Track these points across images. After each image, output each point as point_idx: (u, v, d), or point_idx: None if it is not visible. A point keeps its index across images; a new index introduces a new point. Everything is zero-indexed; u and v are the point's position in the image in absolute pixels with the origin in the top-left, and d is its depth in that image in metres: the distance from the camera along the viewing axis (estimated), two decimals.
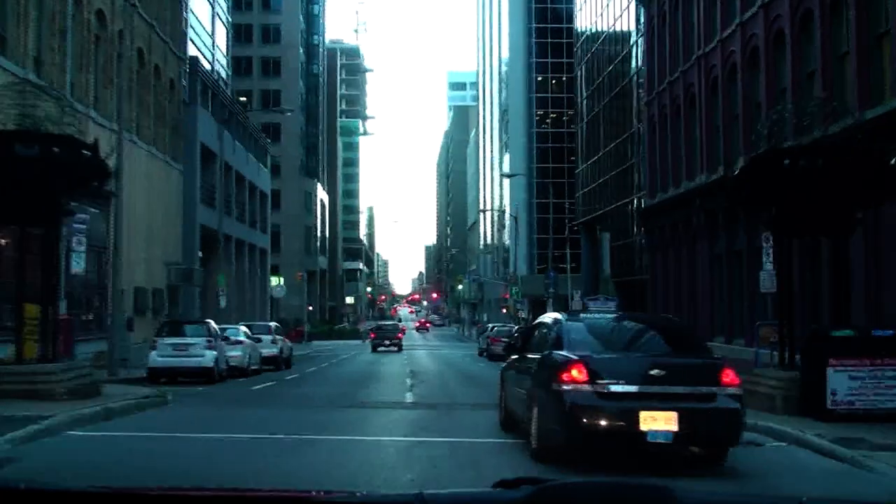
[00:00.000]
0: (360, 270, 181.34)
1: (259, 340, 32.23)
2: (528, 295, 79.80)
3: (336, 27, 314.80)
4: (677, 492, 1.89)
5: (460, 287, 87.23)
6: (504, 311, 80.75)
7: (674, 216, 34.67)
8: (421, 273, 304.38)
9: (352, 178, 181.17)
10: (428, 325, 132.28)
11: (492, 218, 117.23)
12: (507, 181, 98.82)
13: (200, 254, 48.11)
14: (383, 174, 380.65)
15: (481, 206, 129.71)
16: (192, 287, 39.10)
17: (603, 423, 9.22)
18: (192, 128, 42.21)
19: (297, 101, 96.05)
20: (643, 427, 9.07)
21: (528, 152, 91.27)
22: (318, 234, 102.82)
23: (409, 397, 19.84)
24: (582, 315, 14.22)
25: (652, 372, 9.38)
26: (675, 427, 9.07)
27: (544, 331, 11.42)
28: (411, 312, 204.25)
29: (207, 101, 47.17)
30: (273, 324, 36.39)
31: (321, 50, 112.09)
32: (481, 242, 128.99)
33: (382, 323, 73.78)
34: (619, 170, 53.25)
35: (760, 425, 13.07)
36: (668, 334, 11.43)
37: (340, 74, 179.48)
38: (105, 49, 30.23)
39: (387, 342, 57.25)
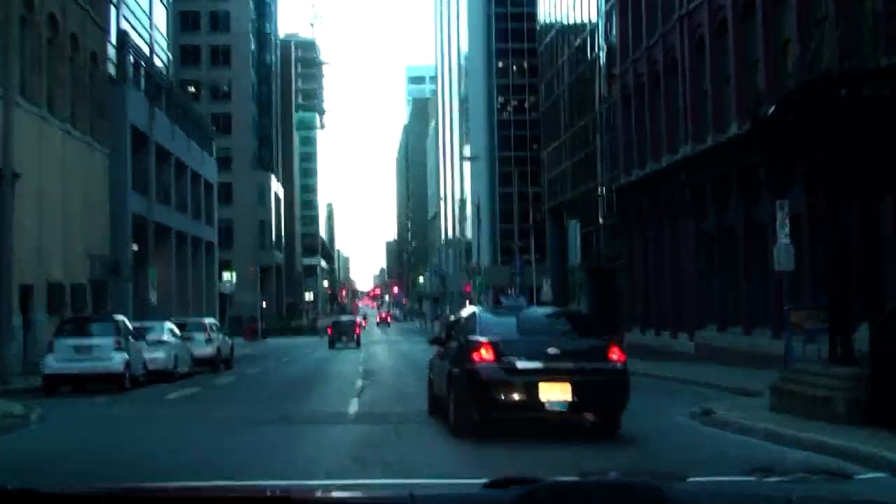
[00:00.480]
0: (320, 266, 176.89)
1: (191, 339, 28.18)
2: (492, 286, 76.20)
3: (292, 21, 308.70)
4: (667, 490, 1.85)
5: (421, 280, 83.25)
6: (468, 302, 76.98)
7: (653, 194, 31.09)
8: (382, 269, 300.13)
9: (310, 173, 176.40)
10: (389, 319, 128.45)
11: (453, 209, 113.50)
12: (468, 171, 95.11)
13: (136, 247, 43.79)
14: (342, 169, 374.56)
15: (442, 198, 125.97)
16: (123, 282, 34.77)
17: (508, 394, 10.44)
18: (120, 108, 37.83)
19: (249, 91, 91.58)
20: (543, 397, 10.28)
21: (489, 140, 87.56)
22: (274, 228, 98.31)
23: (353, 407, 15.94)
24: (494, 308, 16.27)
25: (549, 350, 10.62)
26: (569, 397, 10.30)
27: (463, 322, 12.58)
28: (373, 307, 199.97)
29: (140, 80, 42.76)
30: (209, 320, 32.21)
31: (273, 39, 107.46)
32: (442, 236, 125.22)
33: (339, 318, 68.04)
34: (585, 153, 49.71)
35: (830, 444, 9.40)
36: (568, 321, 12.96)
37: (296, 68, 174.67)
38: None
39: (344, 338, 54.03)
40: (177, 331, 26.34)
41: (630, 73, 33.80)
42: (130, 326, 21.99)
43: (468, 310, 14.11)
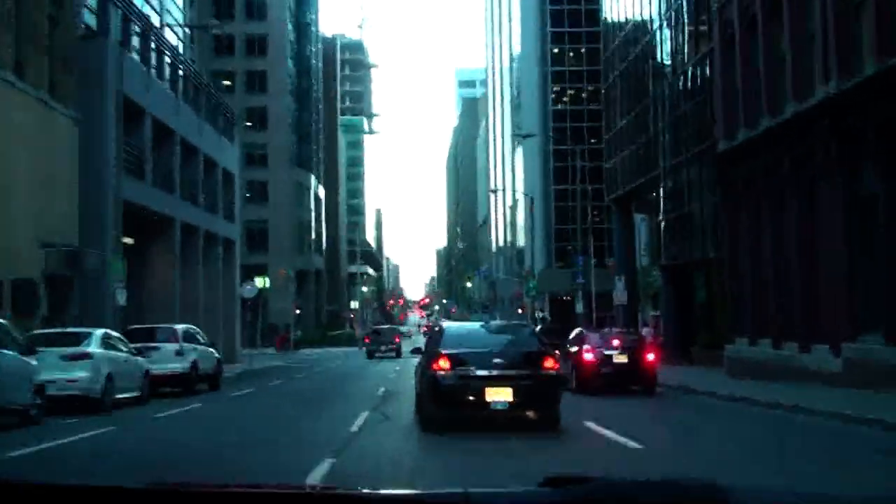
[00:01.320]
0: (366, 274, 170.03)
1: (152, 351, 20.77)
2: (546, 292, 68.22)
3: (340, 23, 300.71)
4: (728, 490, 1.83)
5: (469, 285, 75.44)
6: (521, 311, 69.18)
7: (772, 157, 22.92)
8: (433, 277, 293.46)
9: (357, 178, 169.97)
10: None
11: (504, 212, 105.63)
12: (520, 168, 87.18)
13: (131, 240, 36.73)
14: (392, 176, 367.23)
15: (492, 198, 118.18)
16: (87, 278, 27.42)
17: (461, 396, 12.41)
18: (101, 68, 30.66)
19: (286, 82, 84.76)
20: (488, 399, 12.28)
21: (543, 132, 79.52)
22: (314, 231, 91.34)
23: (321, 470, 8.29)
24: (459, 323, 21.42)
25: (495, 361, 12.67)
26: (510, 398, 12.32)
27: (434, 335, 14.86)
28: (422, 317, 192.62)
29: (129, 39, 35.54)
30: (182, 327, 24.53)
31: (314, 30, 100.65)
32: (493, 240, 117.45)
33: (378, 327, 64.13)
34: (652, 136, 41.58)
35: None
36: (516, 335, 14.63)
37: (343, 70, 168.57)
38: None
39: (383, 348, 51.30)
40: (121, 341, 18.89)
41: (734, 5, 25.66)
42: (16, 334, 14.55)
43: (440, 324, 18.32)
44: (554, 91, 79.80)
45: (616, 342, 21.56)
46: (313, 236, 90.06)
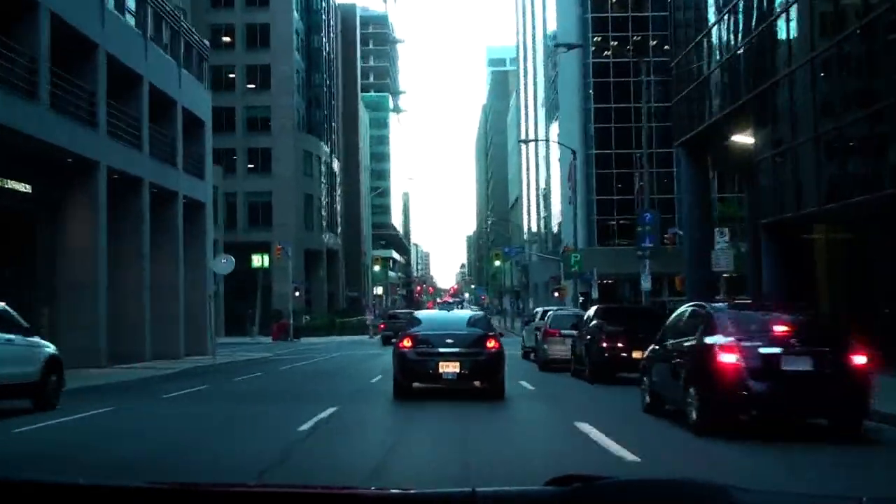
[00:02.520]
0: (392, 259, 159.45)
1: None
2: (589, 272, 56.84)
3: None
4: (733, 491, 1.81)
5: (497, 264, 64.21)
6: (557, 294, 58.07)
7: None
8: (463, 265, 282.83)
9: (382, 158, 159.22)
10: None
11: (536, 190, 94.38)
12: (554, 134, 75.86)
13: (27, 186, 26.34)
14: (420, 158, 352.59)
15: (525, 182, 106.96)
16: None
17: (419, 369, 15.37)
18: None
19: (290, 37, 73.97)
20: (440, 371, 15.16)
21: (582, 88, 68.16)
22: (326, 206, 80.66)
23: None
24: (432, 311, 27.05)
25: (447, 340, 15.49)
26: (457, 370, 15.11)
27: (410, 321, 17.83)
28: None
29: None
30: None
31: None
32: (525, 222, 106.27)
33: (395, 311, 57.46)
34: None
35: None
36: (469, 321, 17.12)
37: (367, 44, 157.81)
38: None
39: (400, 334, 37.63)
40: None
41: None
42: None
43: (416, 312, 21.13)
44: (594, 39, 68.36)
45: (785, 330, 10.59)
46: (324, 213, 79.37)
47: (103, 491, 1.97)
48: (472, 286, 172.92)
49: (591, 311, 23.01)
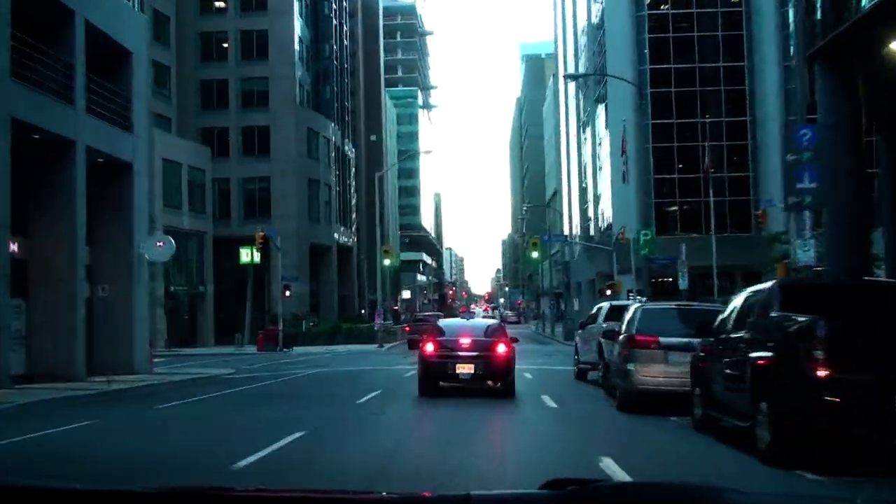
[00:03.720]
0: (423, 262, 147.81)
1: None
2: (645, 266, 44.75)
3: None
4: (727, 493, 1.80)
5: (535, 256, 51.66)
6: (609, 292, 46.03)
7: None
8: (498, 270, 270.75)
9: (410, 157, 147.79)
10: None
11: (579, 176, 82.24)
12: (602, 119, 63.70)
13: None
14: (452, 158, 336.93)
15: (564, 167, 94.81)
16: None
17: (439, 369, 16.95)
18: None
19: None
20: (457, 371, 16.80)
21: (635, 48, 55.98)
22: (336, 195, 69.10)
23: None
24: (453, 320, 28.33)
25: (463, 343, 17.11)
26: (472, 370, 16.74)
27: (431, 328, 19.44)
28: (486, 311, 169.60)
29: None
30: None
31: None
32: (565, 215, 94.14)
33: (423, 316, 54.34)
34: None
35: None
36: (486, 326, 18.98)
37: (395, 37, 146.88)
38: None
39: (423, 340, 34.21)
40: None
41: None
42: None
43: (440, 322, 21.54)
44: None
45: None
46: (335, 204, 67.81)
47: (99, 496, 1.96)
48: (507, 288, 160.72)
49: (748, 293, 10.65)
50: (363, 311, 73.48)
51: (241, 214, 60.10)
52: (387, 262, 44.36)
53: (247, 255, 49.51)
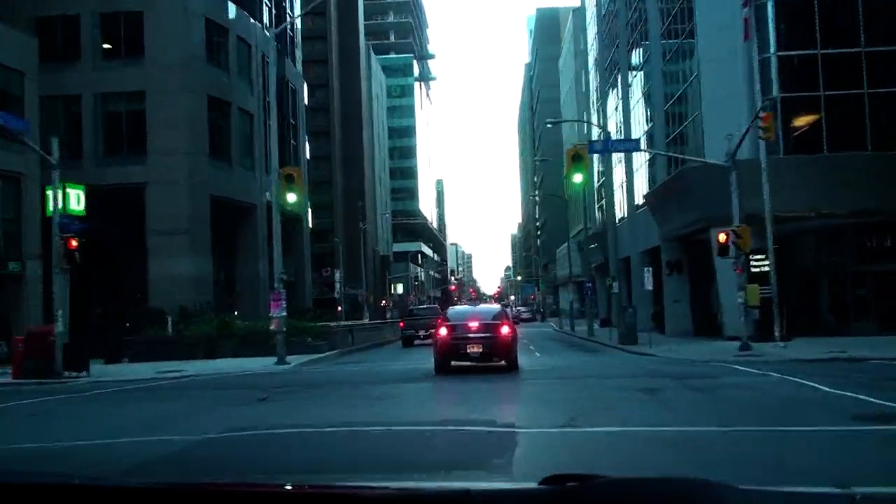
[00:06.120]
0: (422, 253, 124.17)
1: None
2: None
3: None
4: (724, 488, 1.75)
5: (577, 179, 26.92)
6: (724, 239, 22.62)
7: None
8: (508, 267, 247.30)
9: (405, 133, 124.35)
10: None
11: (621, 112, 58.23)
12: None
13: None
14: (458, 142, 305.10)
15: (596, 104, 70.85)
16: None
17: (452, 350, 18.26)
18: None
19: None
20: (468, 351, 18.09)
21: None
22: (277, 141, 45.42)
23: None
24: (460, 306, 26.22)
25: (472, 326, 18.42)
26: (480, 350, 18.06)
27: (443, 314, 21.11)
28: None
29: None
30: None
31: None
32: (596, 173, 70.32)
33: (415, 307, 48.60)
34: None
35: None
36: (490, 311, 20.57)
37: None
38: None
39: (421, 333, 35.13)
40: None
41: None
42: None
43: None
44: None
45: None
46: (266, 146, 44.11)
47: (100, 491, 1.91)
48: (520, 278, 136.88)
49: None
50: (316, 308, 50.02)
51: (100, 150, 36.69)
52: (290, 197, 21.40)
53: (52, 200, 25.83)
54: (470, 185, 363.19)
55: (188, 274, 35.61)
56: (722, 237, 23.40)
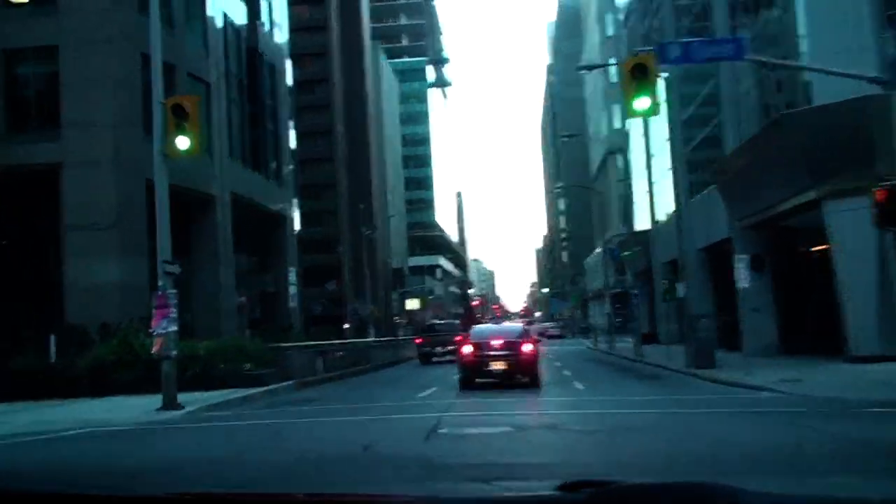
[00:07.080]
0: (440, 267, 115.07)
1: None
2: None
3: None
4: (742, 494, 1.74)
5: (640, 106, 17.67)
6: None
7: None
8: (533, 283, 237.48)
9: (419, 141, 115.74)
10: (538, 338, 63.66)
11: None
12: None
13: None
14: (477, 154, 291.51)
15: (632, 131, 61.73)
16: None
17: (477, 367, 18.70)
18: None
19: None
20: (491, 368, 18.60)
21: None
22: (241, 120, 36.61)
23: None
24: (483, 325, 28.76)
25: (495, 344, 18.92)
26: (503, 367, 18.54)
27: (468, 333, 21.47)
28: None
29: None
30: None
31: None
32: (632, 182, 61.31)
33: (434, 323, 45.09)
34: None
35: None
36: (513, 329, 21.39)
37: None
38: None
39: (439, 349, 35.42)
40: None
41: None
42: None
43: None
44: None
45: None
46: (234, 123, 35.19)
47: (103, 500, 1.85)
48: (546, 291, 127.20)
49: None
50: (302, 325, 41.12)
51: (4, 124, 28.02)
52: (181, 141, 13.05)
53: None
54: (491, 199, 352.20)
55: (115, 281, 26.75)
56: (881, 195, 14.09)
